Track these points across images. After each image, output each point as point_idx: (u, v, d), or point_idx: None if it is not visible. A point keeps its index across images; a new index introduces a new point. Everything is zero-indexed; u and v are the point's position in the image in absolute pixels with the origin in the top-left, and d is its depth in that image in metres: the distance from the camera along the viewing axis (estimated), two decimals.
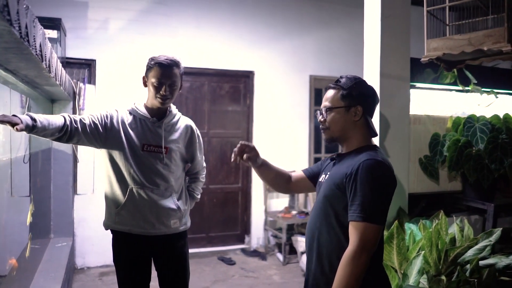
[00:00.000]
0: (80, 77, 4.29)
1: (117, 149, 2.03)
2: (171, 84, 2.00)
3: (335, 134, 1.52)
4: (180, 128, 2.13)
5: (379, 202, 1.35)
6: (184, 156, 2.16)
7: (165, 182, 2.04)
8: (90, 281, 3.93)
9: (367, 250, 1.32)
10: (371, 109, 1.53)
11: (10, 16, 1.22)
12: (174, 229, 2.07)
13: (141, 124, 2.06)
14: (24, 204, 3.76)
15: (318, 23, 5.15)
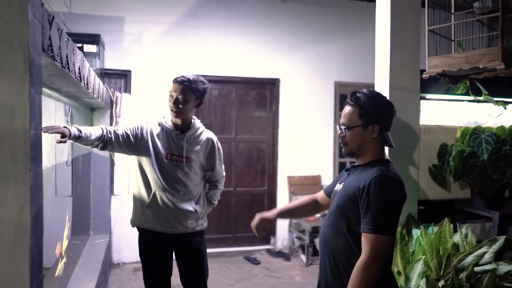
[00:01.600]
0: (117, 87, 4.64)
1: (145, 157, 2.31)
2: (180, 98, 2.27)
3: (353, 149, 1.61)
4: (202, 140, 2.39)
5: (390, 215, 1.46)
6: (204, 166, 2.41)
7: (184, 188, 2.31)
8: (124, 275, 4.25)
9: (379, 260, 1.43)
10: (388, 124, 1.61)
11: (53, 53, 1.48)
12: (191, 229, 2.35)
13: (167, 135, 2.34)
14: (66, 204, 4.14)
15: (342, 30, 5.26)
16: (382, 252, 1.43)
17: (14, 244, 1.13)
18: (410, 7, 2.52)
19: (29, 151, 1.15)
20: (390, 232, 1.46)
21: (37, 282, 1.24)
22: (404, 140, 2.62)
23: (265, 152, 5.25)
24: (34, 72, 1.20)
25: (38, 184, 1.27)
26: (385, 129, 1.60)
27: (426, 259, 2.15)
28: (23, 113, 1.13)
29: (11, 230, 1.13)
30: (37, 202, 1.25)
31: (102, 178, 4.32)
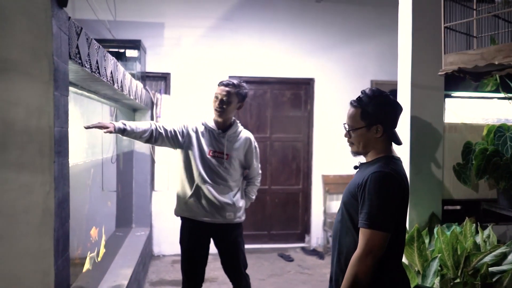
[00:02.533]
0: (158, 89, 4.92)
1: (190, 152, 2.57)
2: (223, 99, 2.51)
3: (359, 149, 1.65)
4: (241, 139, 2.63)
5: (385, 211, 1.46)
6: (242, 163, 2.65)
7: (224, 182, 2.55)
8: (163, 266, 4.50)
9: (372, 254, 1.45)
10: (393, 122, 1.61)
11: (81, 60, 1.68)
12: (229, 220, 2.57)
13: (210, 134, 2.59)
14: (112, 198, 4.46)
15: (379, 28, 5.19)
16: (376, 247, 1.45)
17: (41, 225, 1.33)
18: (432, 5, 2.50)
19: (54, 145, 1.34)
20: (385, 227, 1.47)
21: (62, 259, 1.43)
22: (426, 139, 2.60)
23: (300, 151, 5.31)
24: (59, 77, 1.39)
25: (64, 174, 1.47)
26: (390, 127, 1.61)
27: (442, 257, 2.14)
28: (48, 113, 1.32)
29: (39, 213, 1.32)
30: (63, 190, 1.44)
31: (143, 175, 4.60)
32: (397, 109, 1.63)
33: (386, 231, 1.47)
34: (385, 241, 1.47)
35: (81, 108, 2.81)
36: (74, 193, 2.69)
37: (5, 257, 1.31)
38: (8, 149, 1.30)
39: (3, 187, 1.30)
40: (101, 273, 3.07)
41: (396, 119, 1.64)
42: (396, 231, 1.54)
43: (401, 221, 1.57)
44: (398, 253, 1.62)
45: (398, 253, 1.61)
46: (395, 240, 1.54)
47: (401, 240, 1.61)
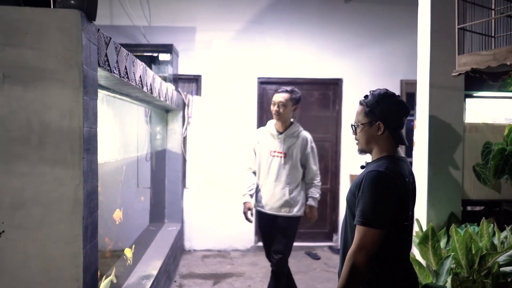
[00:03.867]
0: (189, 90, 5.13)
1: (258, 154, 3.11)
2: (279, 105, 2.95)
3: (363, 146, 1.71)
4: (299, 139, 3.03)
5: (377, 208, 1.50)
6: (300, 161, 3.00)
7: (282, 177, 2.95)
8: (194, 261, 4.71)
9: (365, 250, 1.49)
10: (396, 122, 1.64)
11: (109, 67, 1.86)
12: (284, 213, 2.97)
13: (270, 136, 3.06)
14: (146, 194, 4.72)
15: (409, 27, 5.10)
16: (369, 244, 1.49)
17: (72, 213, 1.51)
18: (451, 6, 2.49)
19: (83, 144, 1.52)
20: (378, 224, 1.50)
21: (90, 245, 1.61)
22: (445, 139, 2.61)
23: (328, 151, 5.35)
24: (88, 83, 1.57)
25: (93, 169, 1.65)
26: (392, 126, 1.64)
27: (456, 256, 2.16)
28: (78, 115, 1.50)
29: (70, 203, 1.51)
30: (91, 183, 1.62)
31: (175, 172, 4.83)
32: (401, 110, 1.66)
33: (378, 228, 1.50)
34: (378, 238, 1.50)
35: (117, 109, 3.04)
36: (107, 188, 2.92)
37: (43, 240, 1.51)
38: (44, 146, 1.49)
39: (41, 179, 1.50)
40: (133, 263, 3.29)
41: (399, 119, 1.66)
42: (394, 228, 1.56)
43: (401, 219, 1.59)
44: (399, 250, 1.62)
45: (399, 250, 1.62)
46: (393, 237, 1.57)
47: (402, 237, 1.62)
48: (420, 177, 2.73)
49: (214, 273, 4.31)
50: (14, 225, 1.49)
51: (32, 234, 1.49)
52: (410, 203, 1.63)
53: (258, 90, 5.18)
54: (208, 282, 4.02)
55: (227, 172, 5.07)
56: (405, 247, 1.67)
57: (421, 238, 2.30)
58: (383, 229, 1.51)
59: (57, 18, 1.48)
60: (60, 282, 1.51)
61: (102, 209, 2.72)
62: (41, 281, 1.50)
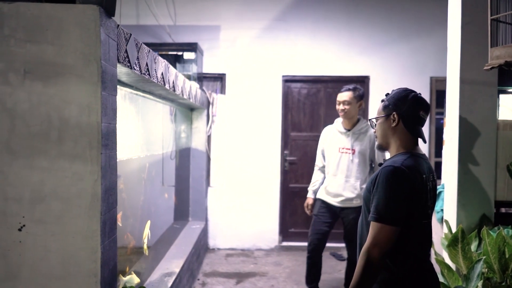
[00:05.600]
0: (214, 89, 5.14)
1: (326, 152, 3.28)
2: (344, 103, 3.12)
3: (380, 141, 1.70)
4: (367, 135, 3.16)
5: (391, 205, 1.49)
6: (368, 156, 3.15)
7: (351, 173, 3.10)
8: (217, 259, 4.71)
9: (379, 246, 1.48)
10: (412, 116, 1.60)
11: (130, 63, 1.87)
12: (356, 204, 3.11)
13: (339, 133, 3.21)
14: (170, 192, 4.76)
15: (439, 22, 4.93)
16: (382, 240, 1.48)
17: (90, 208, 1.52)
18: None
19: (101, 139, 1.52)
20: (393, 221, 1.48)
21: (108, 240, 1.62)
22: (477, 137, 2.48)
23: None
24: (107, 79, 1.57)
25: (112, 165, 1.65)
26: (408, 120, 1.61)
27: (488, 260, 2.04)
28: (97, 111, 1.50)
29: (88, 198, 1.51)
30: (110, 178, 1.62)
31: (199, 171, 4.84)
32: (417, 104, 1.62)
33: (392, 225, 1.48)
34: (392, 235, 1.49)
35: (141, 107, 3.06)
36: (130, 185, 2.95)
37: (62, 235, 1.52)
38: (63, 141, 1.50)
39: (60, 174, 1.51)
40: (156, 260, 3.31)
41: (415, 113, 1.61)
42: (411, 226, 1.53)
43: (418, 216, 1.55)
44: (417, 249, 1.58)
45: (417, 249, 1.57)
46: (411, 235, 1.54)
47: (419, 236, 1.58)
48: (450, 177, 2.61)
49: (237, 272, 4.29)
50: (34, 219, 1.51)
51: (51, 229, 1.51)
52: (428, 200, 1.59)
53: (283, 88, 5.13)
54: (231, 281, 4.01)
55: (252, 170, 5.04)
56: (423, 246, 1.62)
57: (450, 240, 2.20)
58: (397, 226, 1.49)
59: (76, 14, 1.49)
60: (78, 277, 1.51)
61: (124, 205, 2.75)
62: (60, 275, 1.51)
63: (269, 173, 5.04)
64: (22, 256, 1.51)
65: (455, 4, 2.51)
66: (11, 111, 1.49)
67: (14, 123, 1.50)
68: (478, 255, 2.22)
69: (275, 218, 5.05)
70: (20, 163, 1.50)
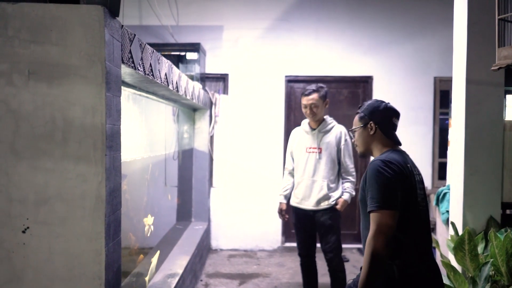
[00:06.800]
0: (216, 89, 5.13)
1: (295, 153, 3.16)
2: (311, 106, 3.02)
3: (361, 149, 1.85)
4: (333, 133, 3.07)
5: (385, 192, 1.58)
6: (335, 155, 3.05)
7: (319, 172, 2.99)
8: (220, 260, 4.69)
9: (383, 233, 1.54)
10: (385, 122, 1.81)
11: (134, 64, 1.85)
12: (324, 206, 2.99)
13: (305, 133, 3.13)
14: (173, 192, 4.74)
15: (443, 22, 4.92)
16: (384, 226, 1.54)
17: (94, 210, 1.50)
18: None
19: (105, 140, 1.51)
20: (388, 205, 1.56)
21: (113, 242, 1.60)
22: (483, 138, 2.46)
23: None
24: (111, 80, 1.56)
25: (116, 167, 1.64)
26: (384, 127, 1.79)
27: (495, 262, 2.02)
28: (101, 112, 1.49)
29: (92, 199, 1.50)
30: (114, 180, 1.61)
31: (202, 171, 4.83)
32: (390, 111, 1.83)
33: (391, 209, 1.56)
34: (392, 219, 1.56)
35: (144, 108, 3.05)
36: (133, 186, 2.94)
37: (66, 237, 1.51)
38: (68, 143, 1.49)
39: (64, 175, 1.50)
40: (159, 261, 3.29)
41: (390, 119, 1.82)
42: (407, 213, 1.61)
43: (411, 203, 1.63)
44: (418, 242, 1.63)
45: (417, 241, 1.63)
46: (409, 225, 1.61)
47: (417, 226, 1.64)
48: (456, 178, 2.59)
49: (240, 273, 4.27)
50: (39, 221, 1.49)
51: (55, 230, 1.50)
52: (419, 189, 1.68)
53: (286, 89, 5.12)
54: (234, 282, 3.99)
55: (254, 171, 5.03)
56: (423, 239, 1.66)
57: (456, 242, 2.18)
58: (396, 210, 1.57)
59: (80, 14, 1.48)
60: (82, 279, 1.50)
61: (128, 207, 2.74)
62: (64, 277, 1.50)
63: (271, 173, 5.03)
64: (26, 258, 1.49)
65: (461, 4, 2.49)
66: (16, 112, 1.48)
67: (19, 124, 1.48)
68: (485, 258, 2.19)
69: (277, 219, 5.01)
70: (24, 164, 1.49)
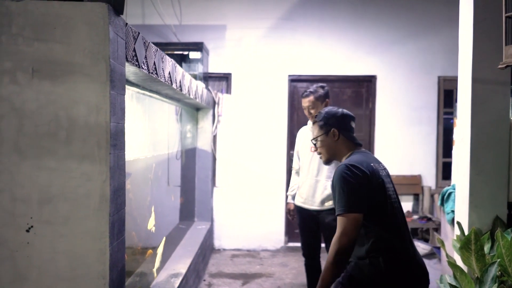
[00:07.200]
0: (219, 88, 5.11)
1: (300, 152, 3.20)
2: (308, 108, 3.04)
3: (326, 156, 1.92)
4: None
5: (348, 195, 1.66)
6: None
7: (322, 172, 2.98)
8: (223, 260, 4.68)
9: (347, 235, 1.63)
10: (345, 126, 1.89)
11: (138, 62, 1.84)
12: (328, 206, 2.95)
13: (310, 132, 3.02)
14: (176, 192, 4.73)
15: (447, 21, 4.89)
16: (349, 228, 1.63)
17: (98, 209, 1.49)
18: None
19: (110, 139, 1.50)
20: (355, 209, 1.64)
21: (117, 241, 1.59)
22: (490, 137, 2.44)
23: None
24: (115, 78, 1.55)
25: (120, 165, 1.62)
26: (345, 131, 1.88)
27: (502, 262, 2.00)
28: (105, 110, 1.48)
29: (96, 199, 1.49)
30: (118, 179, 1.59)
31: (205, 171, 4.82)
32: (347, 116, 1.93)
33: (355, 212, 1.64)
34: (357, 222, 1.64)
35: (147, 107, 3.04)
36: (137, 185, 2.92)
37: (70, 236, 1.49)
38: (72, 141, 1.48)
39: (68, 174, 1.49)
40: (162, 261, 3.28)
41: (346, 123, 1.91)
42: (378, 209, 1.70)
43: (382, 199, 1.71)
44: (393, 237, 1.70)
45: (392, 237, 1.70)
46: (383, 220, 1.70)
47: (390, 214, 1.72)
48: (462, 178, 2.57)
49: (243, 273, 4.26)
50: (42, 220, 1.48)
51: (59, 230, 1.49)
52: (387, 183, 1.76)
53: (289, 88, 5.10)
54: (237, 282, 3.98)
55: (257, 171, 5.01)
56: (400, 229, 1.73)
57: (462, 242, 2.16)
58: (361, 212, 1.66)
59: (84, 12, 1.47)
60: (86, 279, 1.49)
61: (131, 206, 2.73)
62: (68, 277, 1.49)
63: (275, 173, 5.01)
64: (30, 257, 1.48)
65: (467, 1, 2.47)
66: (19, 110, 1.47)
67: (22, 122, 1.47)
68: (491, 258, 2.17)
69: (281, 219, 5.02)
70: (28, 163, 1.48)
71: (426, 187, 5.02)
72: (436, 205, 4.98)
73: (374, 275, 1.66)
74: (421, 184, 5.05)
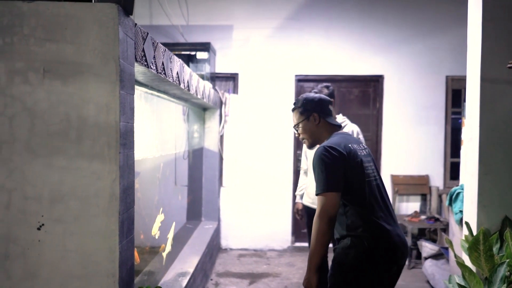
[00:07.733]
0: (226, 88, 5.13)
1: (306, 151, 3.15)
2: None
3: (310, 140, 1.97)
4: (348, 129, 3.11)
5: (326, 175, 1.73)
6: None
7: None
8: (230, 259, 4.69)
9: (327, 213, 1.70)
10: (325, 110, 1.94)
11: (146, 62, 1.86)
12: None
13: None
14: (183, 192, 4.75)
15: (455, 20, 4.87)
16: (328, 207, 1.70)
17: (108, 208, 1.51)
18: None
19: (119, 138, 1.51)
20: (333, 188, 1.71)
21: (126, 240, 1.61)
22: (499, 136, 2.42)
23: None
24: (125, 78, 1.56)
25: (129, 165, 1.64)
26: (324, 114, 1.93)
27: (511, 263, 1.99)
28: (115, 110, 1.49)
29: (106, 197, 1.51)
30: (127, 178, 1.61)
31: (212, 171, 4.83)
32: (324, 100, 1.97)
33: (333, 191, 1.71)
34: (335, 200, 1.71)
35: (155, 107, 3.06)
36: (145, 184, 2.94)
37: (80, 234, 1.51)
38: (82, 140, 1.50)
39: (79, 173, 1.50)
40: (170, 260, 3.30)
41: (326, 107, 1.96)
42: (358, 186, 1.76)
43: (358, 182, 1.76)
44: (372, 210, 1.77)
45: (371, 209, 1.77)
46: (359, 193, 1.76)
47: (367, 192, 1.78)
48: (470, 178, 2.55)
49: (250, 272, 4.27)
50: (53, 218, 1.50)
51: (70, 228, 1.50)
52: (363, 162, 1.81)
53: (296, 88, 5.10)
54: (244, 282, 3.99)
55: (264, 171, 5.02)
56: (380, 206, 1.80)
57: (471, 242, 2.15)
58: (338, 191, 1.73)
59: (94, 12, 1.49)
60: (97, 276, 1.51)
61: (139, 205, 2.75)
62: (79, 275, 1.51)
63: (281, 173, 5.02)
64: (41, 255, 1.50)
65: (475, 1, 2.46)
66: (31, 110, 1.49)
67: (34, 122, 1.49)
68: (500, 258, 2.16)
69: (287, 219, 5.02)
70: (39, 162, 1.50)
71: (434, 187, 4.99)
72: (444, 205, 4.95)
73: (360, 256, 1.72)
74: (429, 184, 5.02)
